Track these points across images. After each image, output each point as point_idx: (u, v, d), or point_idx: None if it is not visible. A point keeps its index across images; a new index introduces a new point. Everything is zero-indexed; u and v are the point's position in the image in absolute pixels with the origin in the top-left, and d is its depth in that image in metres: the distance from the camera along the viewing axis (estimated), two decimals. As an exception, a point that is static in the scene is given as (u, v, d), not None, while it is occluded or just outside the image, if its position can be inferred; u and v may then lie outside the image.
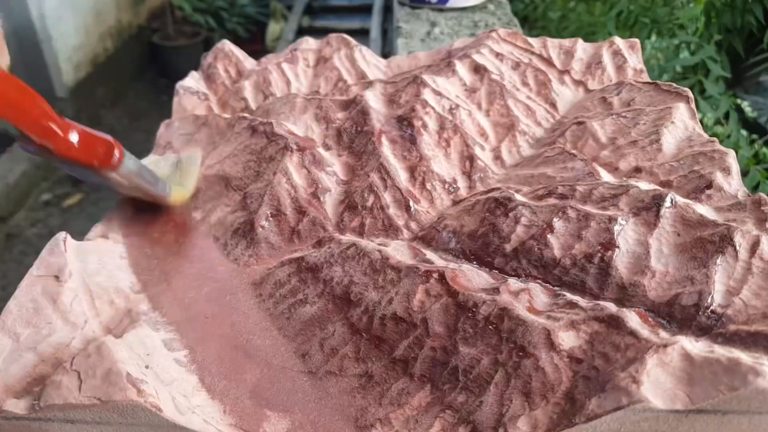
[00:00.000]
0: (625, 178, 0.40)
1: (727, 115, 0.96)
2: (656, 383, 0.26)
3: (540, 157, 0.45)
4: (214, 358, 0.34)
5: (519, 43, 0.58)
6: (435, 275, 0.33)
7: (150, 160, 0.50)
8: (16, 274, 1.53)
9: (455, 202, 0.43)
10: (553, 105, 0.52)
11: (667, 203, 0.34)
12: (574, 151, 0.43)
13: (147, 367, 0.31)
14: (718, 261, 0.31)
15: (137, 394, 0.28)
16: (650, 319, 0.31)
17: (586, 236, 0.34)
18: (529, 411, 0.28)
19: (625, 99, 0.49)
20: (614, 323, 0.29)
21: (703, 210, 0.35)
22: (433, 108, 0.47)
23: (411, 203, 0.42)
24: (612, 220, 0.34)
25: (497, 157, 0.47)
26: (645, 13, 1.08)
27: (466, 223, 0.39)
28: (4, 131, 0.34)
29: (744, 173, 0.82)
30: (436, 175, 0.44)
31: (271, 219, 0.42)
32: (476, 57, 0.54)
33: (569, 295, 0.32)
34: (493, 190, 0.41)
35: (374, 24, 1.59)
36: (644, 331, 0.28)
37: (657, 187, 0.36)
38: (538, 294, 0.32)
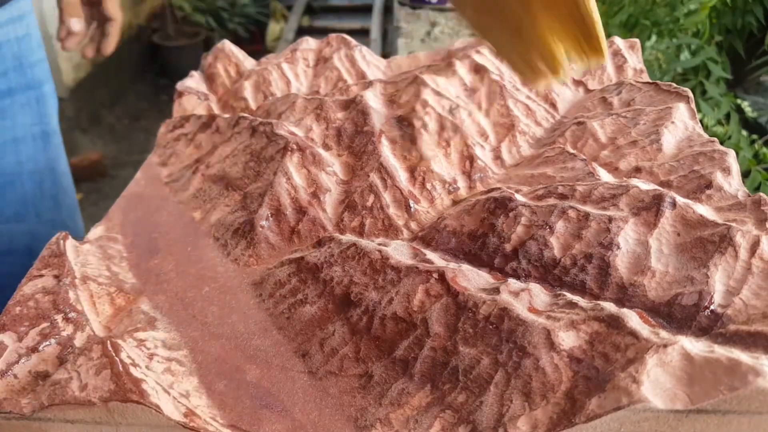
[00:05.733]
0: (625, 178, 0.40)
1: (728, 116, 0.96)
2: (656, 383, 0.26)
3: (540, 157, 0.45)
4: (214, 358, 0.34)
5: (519, 44, 0.58)
6: (435, 275, 0.33)
7: None
8: (16, 274, 1.52)
9: (455, 202, 0.43)
10: (553, 105, 0.52)
11: (667, 203, 0.34)
12: (574, 151, 0.43)
13: (147, 367, 0.31)
14: (718, 261, 0.31)
15: (137, 394, 0.28)
16: (650, 319, 0.31)
17: (586, 236, 0.34)
18: (529, 411, 0.28)
19: (625, 99, 0.49)
20: (614, 323, 0.29)
21: (703, 210, 0.35)
22: (433, 108, 0.47)
23: (411, 203, 0.42)
24: (612, 220, 0.34)
25: (497, 157, 0.47)
26: (645, 14, 1.08)
27: (466, 223, 0.39)
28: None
29: (745, 174, 0.82)
30: (436, 175, 0.44)
31: (271, 219, 0.42)
32: (476, 57, 0.54)
33: (569, 295, 0.32)
34: (493, 190, 0.41)
35: (374, 24, 1.59)
36: (644, 331, 0.28)
37: (657, 187, 0.36)
38: (538, 294, 0.32)
